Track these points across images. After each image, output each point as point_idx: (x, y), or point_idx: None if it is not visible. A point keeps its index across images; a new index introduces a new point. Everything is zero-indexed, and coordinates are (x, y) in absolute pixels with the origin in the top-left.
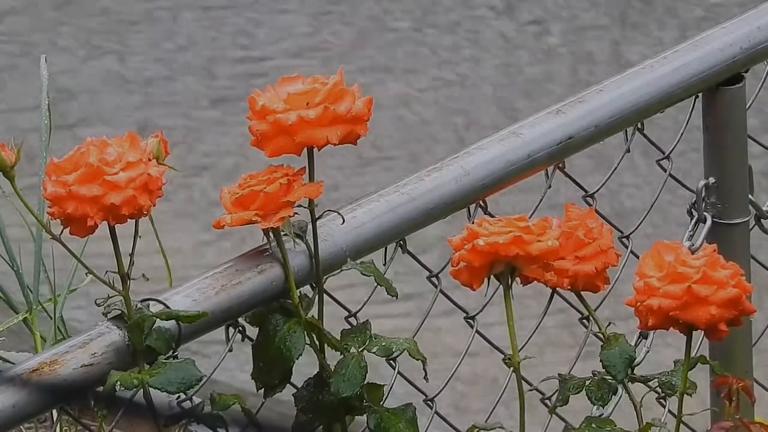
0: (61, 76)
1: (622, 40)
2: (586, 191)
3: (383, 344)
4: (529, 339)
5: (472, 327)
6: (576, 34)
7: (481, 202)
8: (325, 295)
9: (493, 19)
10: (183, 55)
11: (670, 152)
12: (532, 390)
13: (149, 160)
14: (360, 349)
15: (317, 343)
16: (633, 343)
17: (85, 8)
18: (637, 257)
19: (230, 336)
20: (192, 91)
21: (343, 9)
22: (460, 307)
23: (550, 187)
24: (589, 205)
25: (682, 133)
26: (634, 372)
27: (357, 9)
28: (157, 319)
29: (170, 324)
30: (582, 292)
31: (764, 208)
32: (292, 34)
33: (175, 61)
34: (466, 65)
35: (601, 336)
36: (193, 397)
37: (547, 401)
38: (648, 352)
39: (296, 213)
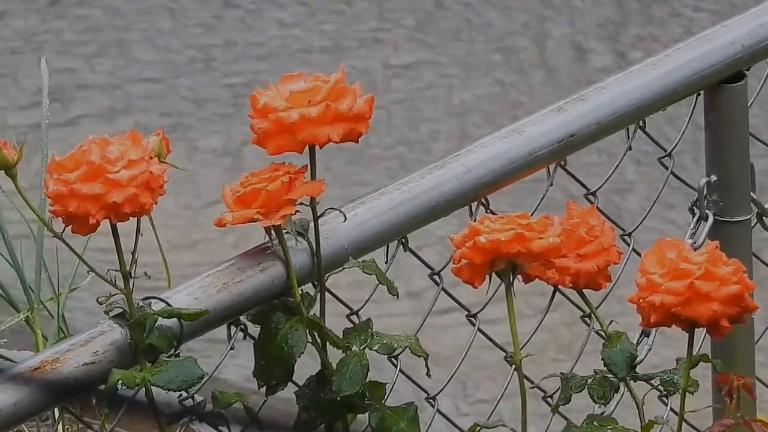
0: (60, 73)
1: None
2: (588, 189)
3: (385, 342)
4: (531, 337)
5: (473, 325)
6: None
7: (482, 200)
8: (327, 293)
9: None
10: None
11: (672, 150)
12: (533, 388)
13: (151, 158)
14: (362, 347)
15: (319, 341)
16: (635, 341)
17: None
18: (639, 255)
19: (232, 334)
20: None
21: None
22: (461, 305)
23: (552, 184)
24: (591, 203)
25: (683, 131)
26: (636, 370)
27: None
28: (159, 317)
29: (172, 322)
30: (584, 290)
31: (766, 206)
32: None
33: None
34: None
35: (603, 334)
36: (195, 396)
37: (549, 399)
38: (650, 350)
39: (298, 211)
